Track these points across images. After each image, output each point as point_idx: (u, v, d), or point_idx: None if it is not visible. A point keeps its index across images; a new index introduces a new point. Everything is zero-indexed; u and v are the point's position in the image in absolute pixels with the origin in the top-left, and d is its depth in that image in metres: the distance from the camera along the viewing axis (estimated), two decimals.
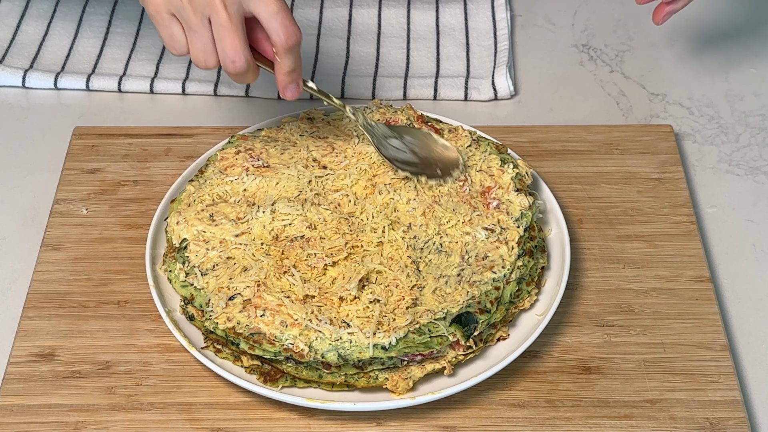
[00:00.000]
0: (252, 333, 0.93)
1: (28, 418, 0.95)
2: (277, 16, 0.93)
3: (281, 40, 0.94)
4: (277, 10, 0.93)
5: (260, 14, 0.94)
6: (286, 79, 0.98)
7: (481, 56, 1.31)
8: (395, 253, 0.99)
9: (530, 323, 0.99)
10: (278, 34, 0.94)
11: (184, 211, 1.03)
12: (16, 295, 1.06)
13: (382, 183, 1.05)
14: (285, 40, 0.94)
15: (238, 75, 0.96)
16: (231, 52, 0.94)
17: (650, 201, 1.13)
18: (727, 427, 0.94)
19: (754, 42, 1.35)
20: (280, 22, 0.94)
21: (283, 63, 0.96)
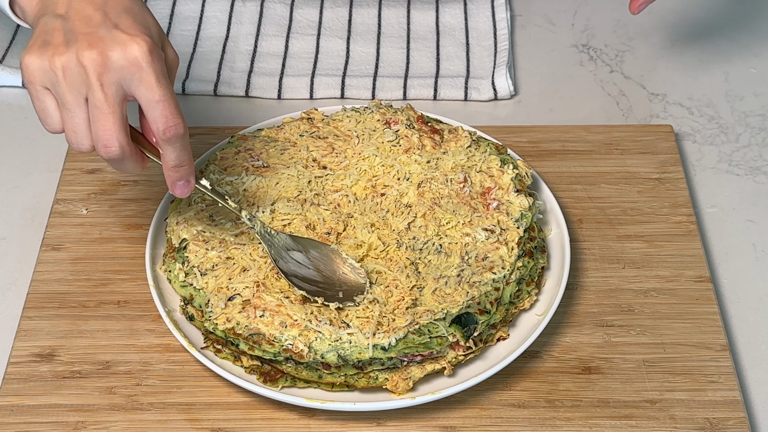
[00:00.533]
0: (251, 334, 0.93)
1: (28, 418, 0.95)
2: (158, 105, 0.85)
3: (159, 130, 0.86)
4: (158, 99, 0.85)
5: (140, 100, 0.86)
6: (172, 174, 0.90)
7: (481, 56, 1.31)
8: (394, 254, 0.99)
9: (530, 323, 0.99)
10: (156, 123, 0.86)
11: (184, 211, 1.03)
12: (16, 295, 1.06)
13: (382, 184, 1.05)
14: (163, 130, 0.86)
15: (112, 161, 0.88)
16: (104, 136, 0.86)
17: (650, 201, 1.13)
18: (727, 427, 0.94)
19: (754, 42, 1.35)
20: (160, 112, 0.85)
21: (165, 155, 0.89)
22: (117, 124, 0.86)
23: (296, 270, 0.97)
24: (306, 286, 0.96)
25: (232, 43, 1.32)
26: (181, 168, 0.90)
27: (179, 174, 0.90)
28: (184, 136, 0.87)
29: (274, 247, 0.97)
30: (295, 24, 1.35)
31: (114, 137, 0.86)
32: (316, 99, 1.26)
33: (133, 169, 0.90)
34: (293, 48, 1.32)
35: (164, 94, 0.85)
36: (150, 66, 0.85)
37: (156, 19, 0.90)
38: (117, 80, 0.85)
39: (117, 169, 0.90)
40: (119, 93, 0.85)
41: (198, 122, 1.23)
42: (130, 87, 0.85)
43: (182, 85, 1.27)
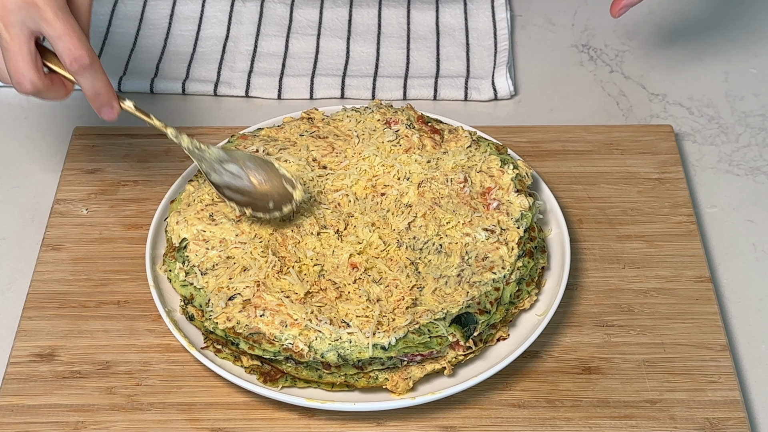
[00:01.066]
0: (252, 333, 0.93)
1: (28, 418, 0.95)
2: (62, 39, 0.89)
3: (66, 64, 0.91)
4: (59, 34, 0.89)
5: (47, 37, 0.90)
6: (93, 102, 0.94)
7: (481, 56, 1.31)
8: (394, 254, 1.00)
9: (530, 323, 0.99)
10: (63, 58, 0.90)
11: (184, 210, 1.03)
12: (16, 295, 1.06)
13: (382, 184, 1.05)
14: (69, 63, 0.90)
15: (29, 94, 0.92)
16: (16, 74, 0.91)
17: (650, 201, 1.13)
18: (727, 427, 0.94)
19: (754, 42, 1.35)
20: (64, 46, 0.89)
21: (81, 85, 0.93)
22: (25, 62, 0.90)
23: (230, 181, 1.00)
24: (237, 197, 0.99)
25: (232, 43, 1.32)
26: (99, 96, 0.94)
27: (99, 102, 0.94)
28: (91, 66, 0.91)
29: (205, 161, 1.00)
30: (295, 24, 1.35)
31: (24, 74, 0.90)
32: (316, 99, 1.26)
33: (56, 97, 0.94)
34: (293, 48, 1.32)
35: (65, 29, 0.89)
36: (45, 3, 0.88)
37: None
38: (20, 21, 0.89)
39: (41, 98, 0.94)
40: (24, 32, 0.89)
41: (198, 122, 1.23)
42: (35, 25, 0.89)
43: (182, 85, 1.27)
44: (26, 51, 0.90)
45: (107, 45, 1.32)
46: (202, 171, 1.00)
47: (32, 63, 0.91)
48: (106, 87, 0.94)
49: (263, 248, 0.99)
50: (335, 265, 0.99)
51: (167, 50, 1.31)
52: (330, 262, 0.99)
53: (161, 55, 1.31)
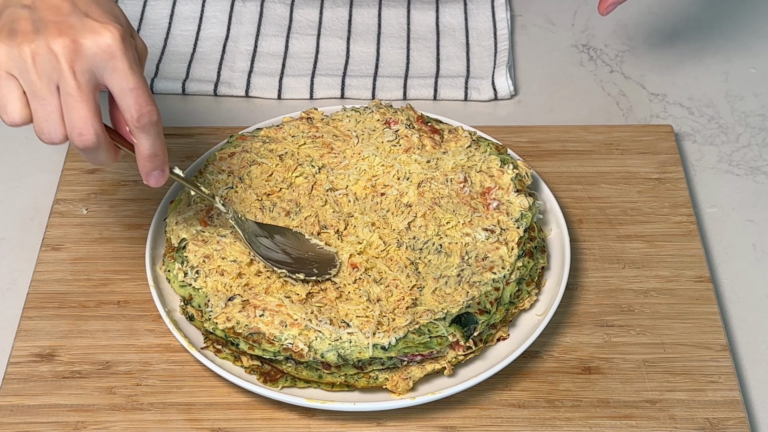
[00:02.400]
0: (251, 333, 0.93)
1: (28, 418, 0.95)
2: (132, 92, 0.84)
3: (132, 118, 0.85)
4: (132, 87, 0.84)
5: (113, 88, 0.84)
6: (147, 164, 0.88)
7: (481, 56, 1.31)
8: (394, 254, 1.00)
9: (530, 323, 0.99)
10: (130, 111, 0.85)
11: (183, 210, 1.03)
12: (16, 295, 1.06)
13: (382, 184, 1.05)
14: (137, 118, 0.85)
15: (87, 150, 0.85)
16: (79, 124, 0.83)
17: (650, 201, 1.13)
18: (727, 427, 0.94)
19: (754, 42, 1.35)
20: (134, 99, 0.84)
21: (139, 144, 0.87)
22: (92, 111, 0.84)
23: (268, 254, 0.97)
24: (284, 267, 0.96)
25: (232, 43, 1.32)
26: (156, 157, 0.88)
27: (154, 164, 0.89)
28: (157, 124, 0.86)
29: (246, 232, 0.98)
30: (295, 24, 1.35)
31: (89, 124, 0.84)
32: (316, 99, 1.26)
33: (107, 159, 0.88)
34: (293, 48, 1.32)
35: (138, 82, 0.84)
36: (123, 53, 0.83)
37: (122, 11, 0.89)
38: (89, 68, 0.83)
39: (90, 160, 0.87)
40: (92, 81, 0.84)
41: (198, 122, 1.23)
42: (103, 75, 0.84)
43: (182, 85, 1.27)
44: (93, 101, 0.84)
45: None
46: (245, 241, 0.97)
47: (98, 114, 0.84)
48: (164, 150, 0.89)
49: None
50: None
51: (167, 50, 1.31)
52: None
53: (161, 55, 1.31)
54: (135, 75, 0.84)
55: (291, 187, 1.05)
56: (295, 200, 1.04)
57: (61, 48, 0.82)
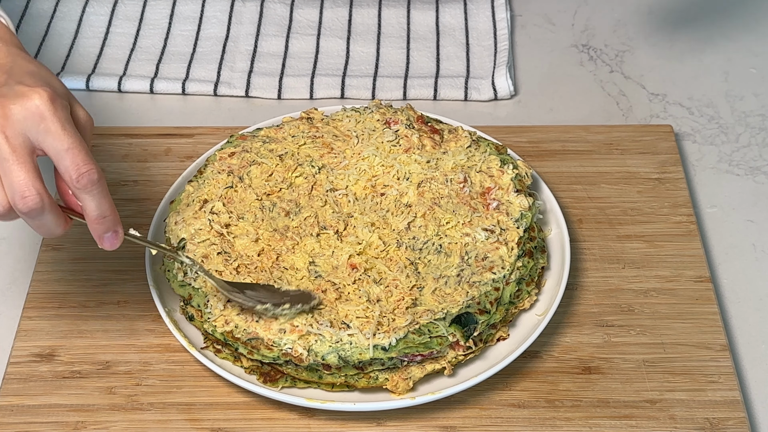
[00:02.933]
0: (250, 338, 0.93)
1: (28, 418, 0.95)
2: (68, 153, 0.82)
3: (71, 179, 0.82)
4: (67, 147, 0.82)
5: (48, 151, 0.82)
6: (97, 227, 0.85)
7: (481, 56, 1.31)
8: (394, 254, 1.00)
9: (530, 323, 0.99)
10: (68, 173, 0.82)
11: (183, 211, 1.03)
12: (16, 295, 1.06)
13: (382, 184, 1.05)
14: (75, 179, 0.82)
15: (32, 214, 0.83)
16: (19, 187, 0.81)
17: (650, 201, 1.13)
18: (727, 427, 0.94)
19: (754, 42, 1.35)
20: (71, 160, 0.82)
21: (85, 207, 0.84)
22: (30, 172, 0.82)
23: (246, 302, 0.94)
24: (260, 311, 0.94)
25: (232, 43, 1.32)
26: (105, 219, 0.85)
27: (104, 226, 0.86)
28: (99, 182, 0.83)
29: (218, 282, 0.95)
30: (295, 24, 1.35)
31: (29, 184, 0.81)
32: (316, 99, 1.26)
33: (55, 226, 0.85)
34: (293, 48, 1.32)
35: (72, 142, 0.82)
36: (53, 114, 0.82)
37: (63, 83, 0.87)
38: (22, 131, 0.82)
39: (38, 229, 0.85)
40: (26, 144, 0.82)
41: (198, 122, 1.23)
42: (37, 139, 0.82)
43: (182, 85, 1.27)
44: (30, 162, 0.82)
45: (107, 45, 1.32)
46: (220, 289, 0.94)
47: (37, 175, 0.82)
48: (112, 209, 0.85)
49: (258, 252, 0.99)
50: (335, 265, 0.99)
51: (167, 50, 1.31)
52: (329, 263, 0.99)
53: (161, 55, 1.31)
54: (68, 135, 0.82)
55: (291, 187, 1.05)
56: (295, 200, 1.04)
57: None
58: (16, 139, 0.81)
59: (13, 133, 0.82)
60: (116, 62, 1.30)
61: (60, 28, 1.34)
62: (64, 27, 1.34)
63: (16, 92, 0.83)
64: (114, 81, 1.27)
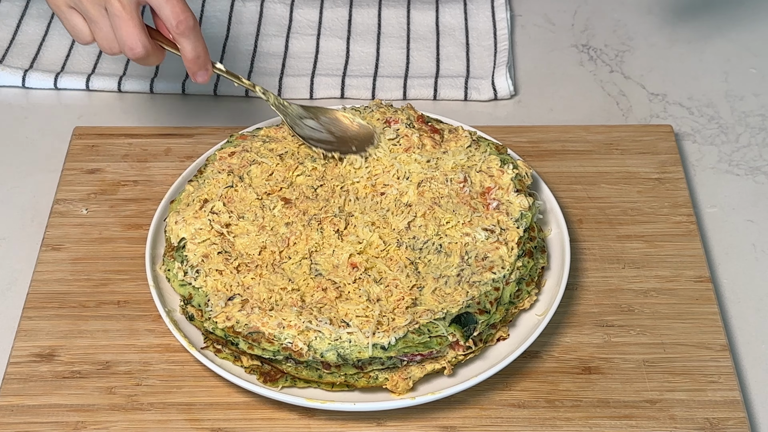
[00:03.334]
0: (251, 332, 0.93)
1: (28, 418, 0.95)
2: (168, 3, 0.97)
3: (172, 26, 0.98)
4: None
5: (152, 2, 0.97)
6: (192, 66, 1.01)
7: (481, 56, 1.31)
8: (394, 253, 1.00)
9: (530, 323, 0.99)
10: (169, 20, 0.98)
11: (183, 210, 1.03)
12: (16, 295, 1.06)
13: (382, 183, 1.05)
14: (176, 25, 0.98)
15: (139, 60, 1.00)
16: (128, 40, 0.98)
17: (650, 201, 1.13)
18: (727, 427, 0.94)
19: (754, 42, 1.35)
20: (171, 9, 0.97)
21: (182, 48, 1.00)
22: (137, 27, 0.98)
23: (311, 134, 1.07)
24: (321, 145, 1.06)
25: (232, 43, 1.32)
26: (199, 59, 1.01)
27: (198, 65, 1.01)
28: (195, 28, 0.99)
29: (289, 116, 1.08)
30: (295, 24, 1.35)
31: (136, 39, 0.98)
32: (316, 99, 1.26)
33: (156, 62, 1.01)
34: (293, 48, 1.32)
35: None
36: None
37: None
38: None
39: (142, 64, 1.03)
40: (133, 0, 0.97)
41: (198, 122, 1.23)
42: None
43: (182, 85, 1.27)
44: (137, 17, 0.98)
45: None
46: (287, 124, 1.07)
47: (142, 28, 0.98)
48: (205, 50, 1.01)
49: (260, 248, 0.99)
50: (335, 264, 0.99)
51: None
52: (330, 262, 0.99)
53: None
54: None
55: (291, 187, 1.05)
56: (302, 193, 1.04)
57: None
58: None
59: None
60: (116, 62, 1.30)
61: (60, 28, 1.34)
62: (64, 27, 1.34)
63: None
64: (114, 81, 1.27)
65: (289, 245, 1.00)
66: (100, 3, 0.97)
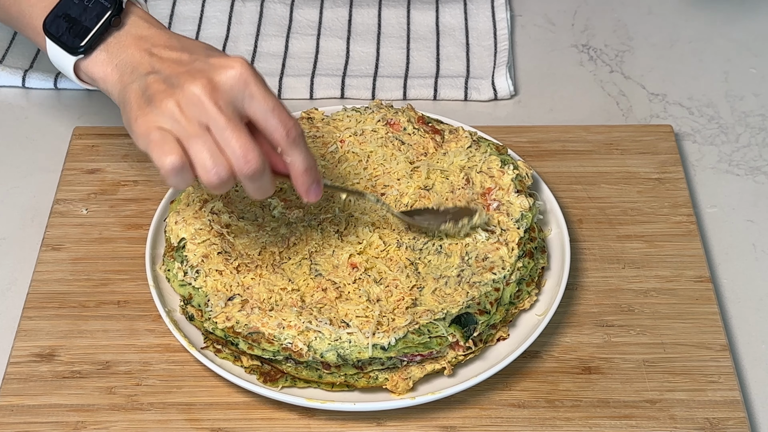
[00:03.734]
0: (251, 332, 0.93)
1: (28, 418, 0.95)
2: (274, 112, 0.87)
3: (282, 135, 0.87)
4: (273, 107, 0.87)
5: (255, 114, 0.87)
6: (305, 180, 0.89)
7: (481, 56, 1.31)
8: (394, 254, 1.00)
9: (530, 323, 0.99)
10: (279, 130, 0.87)
11: (183, 210, 1.03)
12: (16, 295, 1.06)
13: (382, 184, 1.05)
14: (286, 133, 0.87)
15: (255, 176, 0.86)
16: (241, 151, 0.85)
17: (650, 201, 1.13)
18: (727, 427, 0.94)
19: (754, 42, 1.35)
20: (278, 118, 0.87)
21: (294, 161, 0.88)
22: (247, 137, 0.85)
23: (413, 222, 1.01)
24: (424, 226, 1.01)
25: (232, 43, 1.32)
26: (311, 170, 0.89)
27: (311, 177, 0.90)
28: (303, 136, 0.88)
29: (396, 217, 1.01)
30: (295, 24, 1.35)
31: (251, 149, 0.85)
32: (316, 99, 1.26)
33: (270, 186, 0.89)
34: (293, 48, 1.32)
35: (275, 102, 0.87)
36: (255, 79, 0.87)
37: None
38: (231, 100, 0.86)
39: (254, 191, 0.88)
40: (237, 112, 0.86)
41: None
42: (243, 104, 0.86)
43: None
44: (244, 128, 0.86)
45: None
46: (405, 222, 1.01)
47: (253, 138, 0.86)
48: (315, 162, 0.90)
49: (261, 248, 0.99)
50: (335, 264, 0.99)
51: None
52: (330, 262, 0.99)
53: None
54: (271, 96, 0.87)
55: (291, 187, 1.05)
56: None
57: (200, 90, 0.85)
58: (228, 108, 0.85)
59: (225, 102, 0.85)
60: None
61: None
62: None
63: (214, 65, 0.87)
64: None
65: (289, 245, 1.00)
66: (200, 120, 0.85)
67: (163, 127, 0.85)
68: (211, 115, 0.85)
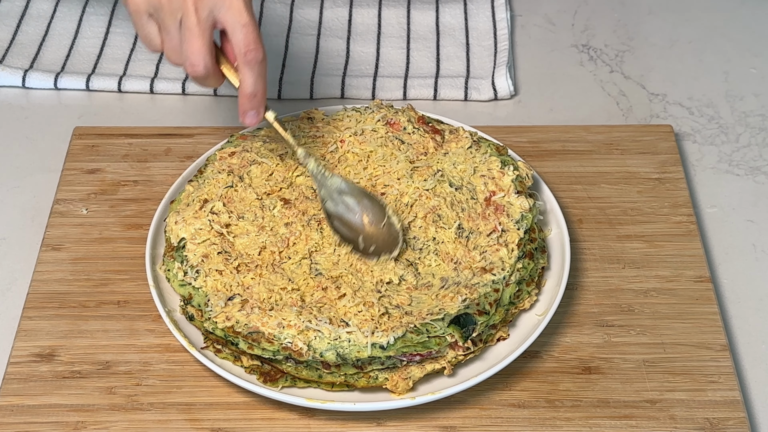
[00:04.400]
0: (251, 332, 0.93)
1: (28, 418, 0.95)
2: (243, 28, 0.94)
3: (240, 52, 0.94)
4: (244, 23, 0.94)
5: (227, 23, 0.94)
6: (245, 102, 0.97)
7: (481, 56, 1.31)
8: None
9: (530, 323, 0.99)
10: (239, 45, 0.94)
11: (183, 210, 1.03)
12: (16, 295, 1.06)
13: (382, 184, 1.05)
14: (244, 53, 0.94)
15: (196, 78, 0.96)
16: (192, 56, 0.95)
17: (650, 201, 1.13)
18: (727, 427, 0.94)
19: (754, 42, 1.35)
20: (244, 36, 0.94)
21: (242, 80, 0.96)
22: (204, 45, 0.94)
23: (343, 213, 1.01)
24: (344, 230, 1.00)
25: None
26: (254, 98, 0.96)
27: (252, 103, 0.96)
28: (262, 64, 0.95)
29: (325, 187, 1.01)
30: (295, 24, 1.35)
31: (200, 56, 0.94)
32: (317, 99, 1.26)
33: (213, 84, 0.98)
34: (293, 48, 1.32)
35: (249, 20, 0.94)
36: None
37: None
38: (209, 7, 0.93)
39: (199, 85, 0.98)
40: (210, 18, 0.94)
41: (198, 122, 1.23)
42: (220, 12, 0.94)
43: (182, 85, 1.27)
44: (207, 36, 0.94)
45: (107, 45, 1.32)
46: (319, 196, 1.01)
47: (210, 48, 0.95)
48: (264, 91, 0.97)
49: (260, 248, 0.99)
50: (335, 263, 0.99)
51: None
52: (330, 261, 0.99)
53: (161, 55, 1.31)
54: (248, 13, 0.94)
55: (291, 187, 1.05)
56: (302, 193, 1.04)
57: None
58: (203, 11, 0.93)
59: (202, 6, 0.93)
60: (116, 62, 1.30)
61: (60, 28, 1.34)
62: (64, 27, 1.34)
63: None
64: (114, 81, 1.27)
65: (288, 245, 1.00)
66: (176, 15, 0.94)
67: (150, 11, 0.95)
68: (186, 13, 0.93)
